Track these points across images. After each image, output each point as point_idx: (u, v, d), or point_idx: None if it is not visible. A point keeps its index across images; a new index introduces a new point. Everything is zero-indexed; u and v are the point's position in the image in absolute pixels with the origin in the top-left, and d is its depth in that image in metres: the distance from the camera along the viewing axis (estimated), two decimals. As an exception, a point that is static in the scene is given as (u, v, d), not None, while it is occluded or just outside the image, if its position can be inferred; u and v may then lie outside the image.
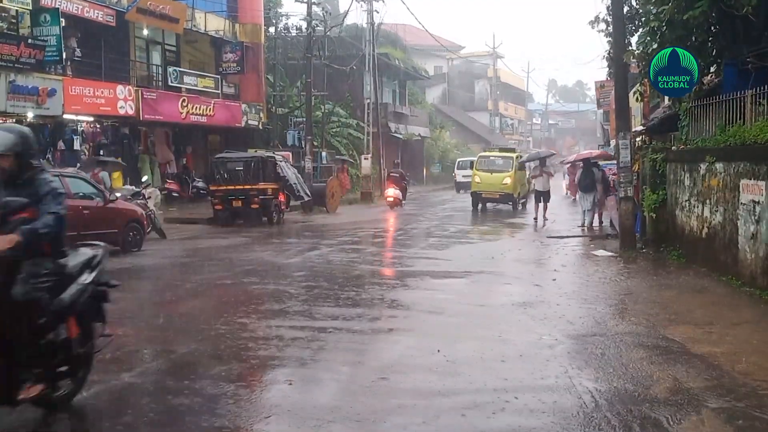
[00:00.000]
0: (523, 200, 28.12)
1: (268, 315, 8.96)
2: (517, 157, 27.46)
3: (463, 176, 36.53)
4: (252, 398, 5.70)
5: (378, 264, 13.52)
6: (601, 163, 22.06)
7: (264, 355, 7.02)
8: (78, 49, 21.78)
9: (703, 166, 11.91)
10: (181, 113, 24.84)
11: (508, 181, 25.77)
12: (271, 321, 8.58)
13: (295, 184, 22.63)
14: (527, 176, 28.65)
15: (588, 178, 19.74)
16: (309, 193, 23.99)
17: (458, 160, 44.12)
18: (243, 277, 11.64)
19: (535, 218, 21.64)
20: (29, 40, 18.86)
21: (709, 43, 13.41)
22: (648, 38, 14.26)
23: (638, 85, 16.87)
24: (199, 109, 25.79)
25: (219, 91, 27.90)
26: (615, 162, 16.86)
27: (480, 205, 26.48)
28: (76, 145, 21.32)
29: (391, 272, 12.74)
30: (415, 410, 5.40)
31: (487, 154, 29.56)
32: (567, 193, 35.51)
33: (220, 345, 7.27)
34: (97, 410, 5.45)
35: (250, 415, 5.29)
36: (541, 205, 21.66)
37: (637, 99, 17.60)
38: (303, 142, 30.04)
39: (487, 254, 14.71)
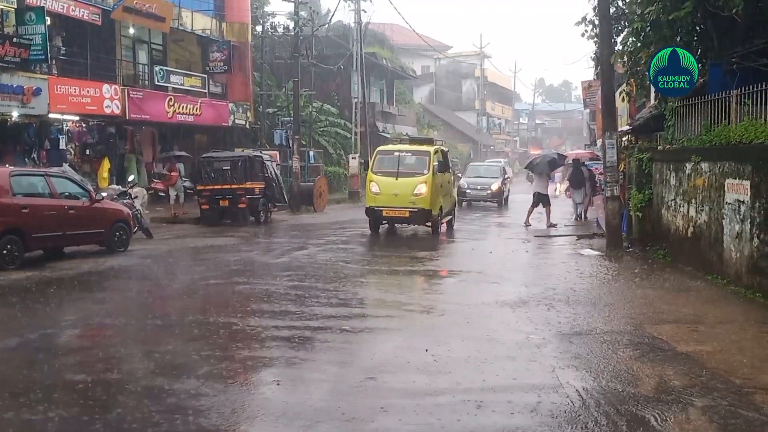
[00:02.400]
0: (449, 217, 18.75)
1: (255, 314, 8.93)
2: (437, 152, 17.70)
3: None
4: (239, 399, 5.68)
5: (366, 263, 13.50)
6: (587, 162, 24.11)
7: (251, 355, 7.01)
8: (63, 48, 21.63)
9: (688, 166, 11.99)
10: (168, 112, 24.71)
11: (422, 189, 16.53)
12: (259, 320, 8.54)
13: (276, 186, 22.49)
14: (456, 181, 23.48)
15: (577, 176, 22.30)
16: (286, 198, 23.83)
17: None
18: (230, 276, 11.60)
19: (528, 224, 20.08)
20: (14, 39, 18.71)
21: (695, 44, 13.50)
22: (632, 39, 14.33)
23: (624, 85, 16.95)
24: (186, 109, 25.67)
25: (206, 91, 27.78)
26: (601, 161, 16.96)
27: (385, 225, 18.17)
28: (62, 145, 21.18)
29: (379, 271, 12.73)
30: (402, 410, 5.41)
31: (389, 148, 18.86)
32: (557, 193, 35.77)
33: (207, 344, 7.24)
34: (86, 405, 5.42)
35: (239, 415, 5.28)
36: (543, 209, 20.18)
37: (623, 99, 17.70)
38: (291, 142, 29.97)
39: (475, 253, 14.74)
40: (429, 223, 17.24)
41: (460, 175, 29.30)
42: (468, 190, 28.28)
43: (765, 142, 9.44)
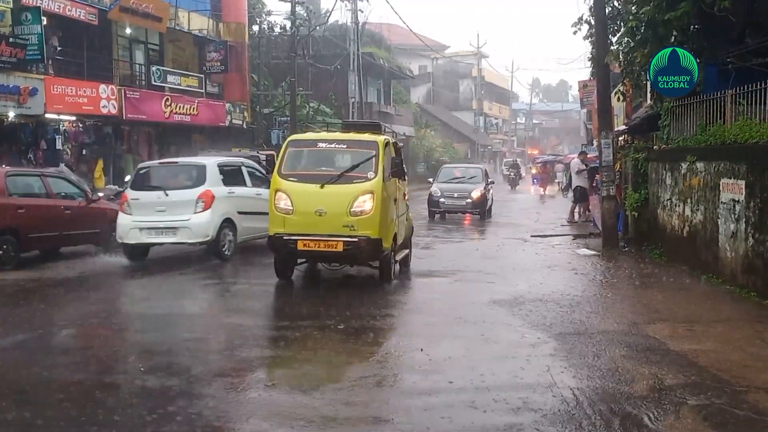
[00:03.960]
0: (404, 252, 12.02)
1: (267, 316, 8.89)
2: (388, 145, 11.02)
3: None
4: (232, 398, 5.67)
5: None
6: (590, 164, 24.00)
7: (244, 356, 7.01)
8: (60, 48, 21.61)
9: (684, 166, 12.01)
10: (165, 112, 24.68)
11: (367, 205, 10.12)
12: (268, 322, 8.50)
13: None
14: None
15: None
16: None
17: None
18: (217, 269, 11.59)
19: (573, 220, 21.13)
20: (10, 39, 18.66)
21: (690, 44, 13.52)
22: (627, 38, 14.36)
23: (620, 85, 16.97)
24: (183, 109, 25.64)
25: (203, 91, 27.74)
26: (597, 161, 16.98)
27: (305, 265, 11.49)
28: (59, 145, 21.11)
29: (373, 271, 12.71)
30: (397, 409, 5.42)
31: (310, 137, 11.88)
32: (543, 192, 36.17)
33: (217, 339, 7.24)
34: (69, 408, 5.42)
35: (231, 414, 5.28)
36: (580, 204, 21.35)
37: (618, 99, 17.72)
38: (288, 142, 29.91)
39: (470, 253, 14.75)
40: (376, 263, 10.60)
41: (431, 181, 24.36)
42: (442, 200, 22.17)
43: (760, 141, 9.46)
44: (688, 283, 10.73)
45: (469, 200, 22.01)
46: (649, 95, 17.32)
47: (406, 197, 12.45)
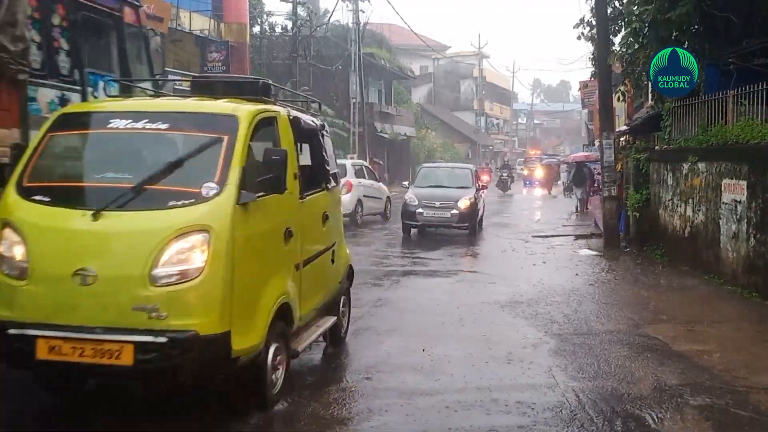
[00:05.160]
0: (330, 322, 6.61)
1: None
2: (272, 125, 5.57)
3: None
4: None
5: (363, 263, 13.50)
6: (588, 163, 26.32)
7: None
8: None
9: (685, 166, 12.01)
10: (166, 112, 24.65)
11: (192, 260, 4.54)
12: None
13: None
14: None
15: (579, 175, 25.02)
16: None
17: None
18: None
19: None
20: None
21: (691, 44, 13.52)
22: (630, 39, 14.35)
23: (621, 85, 16.97)
24: (184, 109, 25.60)
25: (204, 91, 27.71)
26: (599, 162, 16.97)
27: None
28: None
29: (375, 270, 12.72)
30: (399, 410, 5.42)
31: (101, 108, 5.87)
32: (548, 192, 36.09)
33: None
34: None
35: (225, 415, 5.24)
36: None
37: (619, 99, 17.73)
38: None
39: (472, 254, 14.75)
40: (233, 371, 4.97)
41: (406, 185, 19.66)
42: (420, 210, 16.88)
43: (761, 142, 9.46)
44: (689, 283, 10.73)
45: (454, 211, 16.70)
46: (650, 95, 17.32)
47: (335, 223, 7.10)
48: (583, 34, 15.99)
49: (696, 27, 13.24)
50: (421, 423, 5.15)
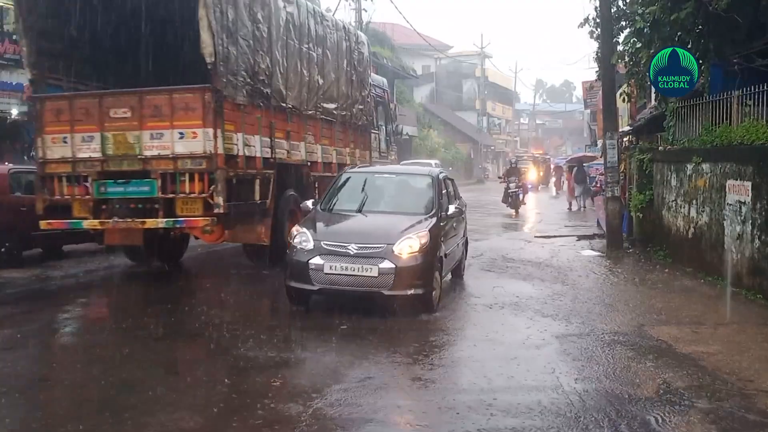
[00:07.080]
0: None
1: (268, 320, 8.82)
2: None
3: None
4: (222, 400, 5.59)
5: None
6: (585, 163, 28.48)
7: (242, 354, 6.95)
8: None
9: (689, 167, 11.96)
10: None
11: None
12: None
13: None
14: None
15: (580, 173, 27.44)
16: None
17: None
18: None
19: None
20: (14, 36, 18.65)
21: (696, 44, 13.47)
22: (634, 39, 14.30)
23: (625, 85, 16.92)
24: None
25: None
26: (601, 162, 16.94)
27: None
28: (61, 143, 20.94)
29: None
30: (400, 410, 5.38)
31: None
32: (556, 193, 35.94)
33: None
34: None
35: (220, 414, 5.23)
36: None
37: (623, 99, 17.69)
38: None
39: (474, 254, 14.68)
40: None
41: (309, 205, 9.96)
42: (319, 262, 8.33)
43: (766, 143, 9.41)
44: (693, 284, 10.68)
45: (385, 265, 8.23)
46: (653, 96, 17.29)
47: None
48: (592, 32, 15.93)
49: (700, 28, 13.19)
50: (424, 424, 5.09)
